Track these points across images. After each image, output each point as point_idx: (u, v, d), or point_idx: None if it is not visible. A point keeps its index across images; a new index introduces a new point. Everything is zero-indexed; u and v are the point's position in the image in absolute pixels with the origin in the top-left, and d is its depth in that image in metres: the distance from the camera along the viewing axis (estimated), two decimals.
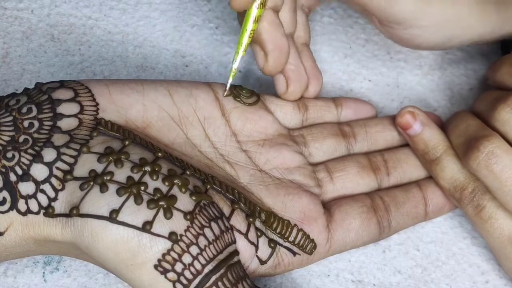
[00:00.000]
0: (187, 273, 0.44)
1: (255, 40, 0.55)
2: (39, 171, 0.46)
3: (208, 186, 0.49)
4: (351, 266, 0.57)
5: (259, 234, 0.50)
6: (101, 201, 0.45)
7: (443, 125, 0.59)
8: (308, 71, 0.59)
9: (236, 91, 0.57)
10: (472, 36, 0.57)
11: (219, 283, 0.45)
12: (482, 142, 0.51)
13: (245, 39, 0.54)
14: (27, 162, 0.46)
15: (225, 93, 0.56)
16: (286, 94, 0.58)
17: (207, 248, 0.45)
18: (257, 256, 0.50)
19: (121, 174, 0.46)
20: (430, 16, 0.55)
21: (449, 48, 0.59)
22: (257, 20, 0.53)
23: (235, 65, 0.55)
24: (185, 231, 0.45)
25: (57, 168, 0.46)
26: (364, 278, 0.56)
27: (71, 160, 0.47)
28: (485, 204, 0.53)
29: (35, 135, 0.48)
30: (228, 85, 0.56)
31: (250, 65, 0.65)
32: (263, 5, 0.53)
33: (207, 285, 0.45)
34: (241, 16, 0.54)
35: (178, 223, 0.45)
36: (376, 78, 0.65)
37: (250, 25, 0.53)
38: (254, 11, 0.53)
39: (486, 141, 0.51)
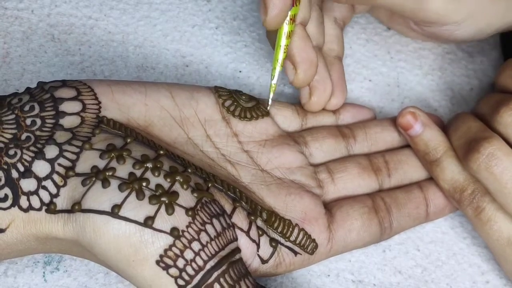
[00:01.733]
0: (189, 269, 0.44)
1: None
2: (41, 167, 0.46)
3: (210, 184, 0.49)
4: (351, 266, 0.57)
5: (260, 233, 0.50)
6: (103, 197, 0.45)
7: (445, 126, 0.59)
8: (334, 83, 0.59)
9: (236, 96, 0.57)
10: (505, 21, 0.58)
11: (221, 280, 0.45)
12: (483, 144, 0.52)
13: (281, 55, 0.55)
14: (29, 159, 0.46)
15: (268, 107, 0.58)
16: (308, 104, 0.58)
17: (209, 244, 0.45)
18: (258, 255, 0.50)
19: (123, 170, 0.46)
20: (461, 11, 0.56)
21: (487, 36, 0.60)
22: (289, 35, 0.54)
23: (274, 81, 0.57)
24: (187, 227, 0.45)
25: (59, 164, 0.46)
26: (364, 278, 0.56)
27: (73, 157, 0.47)
28: (485, 206, 0.53)
29: (38, 133, 0.48)
30: (270, 101, 0.58)
31: (251, 66, 0.65)
32: (292, 20, 0.54)
33: (209, 281, 0.45)
34: (272, 32, 0.56)
35: (180, 218, 0.45)
36: (376, 78, 0.65)
37: (283, 41, 0.55)
38: (285, 28, 0.54)
39: (486, 143, 0.51)
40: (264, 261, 0.50)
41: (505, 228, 0.53)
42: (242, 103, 0.57)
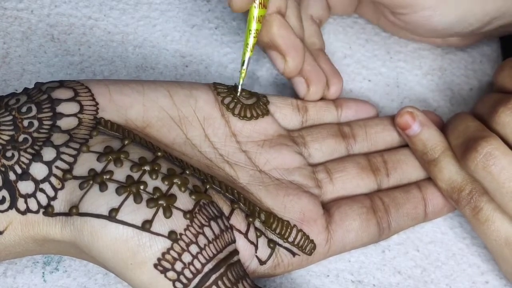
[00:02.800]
0: (187, 272, 0.44)
1: (270, 46, 0.56)
2: (38, 170, 0.46)
3: (208, 186, 0.49)
4: (351, 266, 0.57)
5: (258, 234, 0.50)
6: (100, 200, 0.45)
7: (443, 126, 0.59)
8: (327, 72, 0.59)
9: (235, 92, 0.57)
10: (488, 11, 0.57)
11: (219, 282, 0.45)
12: (480, 143, 0.51)
13: (251, 39, 0.55)
14: (26, 161, 0.46)
15: (238, 94, 0.57)
16: (308, 95, 0.58)
17: (206, 247, 0.46)
18: (256, 256, 0.50)
19: (121, 173, 0.46)
20: None
21: (475, 29, 0.59)
22: (260, 20, 0.54)
23: (244, 66, 0.56)
24: (185, 230, 0.45)
25: (57, 167, 0.46)
26: (364, 279, 0.56)
27: (71, 159, 0.47)
28: (482, 206, 0.53)
29: (35, 134, 0.48)
30: (240, 87, 0.57)
31: (250, 66, 0.64)
32: (263, 5, 0.53)
33: (207, 284, 0.45)
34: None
35: (177, 222, 0.45)
36: (376, 78, 0.65)
37: (254, 26, 0.54)
38: (255, 11, 0.53)
39: (484, 142, 0.51)
40: (262, 262, 0.50)
41: (502, 228, 0.53)
42: (242, 100, 0.57)
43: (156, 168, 0.47)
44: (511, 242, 0.53)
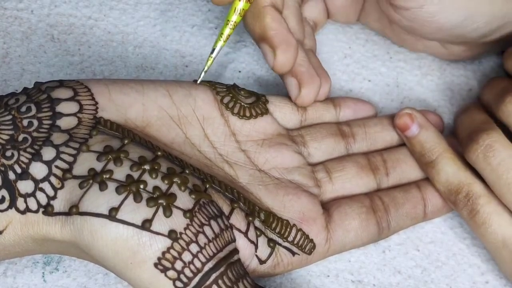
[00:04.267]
0: (187, 271, 0.44)
1: (262, 39, 0.55)
2: (38, 169, 0.46)
3: (207, 185, 0.49)
4: (351, 266, 0.57)
5: (258, 233, 0.50)
6: (100, 199, 0.45)
7: (454, 120, 0.60)
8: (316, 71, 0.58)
9: (234, 92, 0.57)
10: (496, 13, 0.56)
11: (219, 281, 0.45)
12: (482, 135, 0.52)
13: (227, 30, 0.55)
14: (26, 160, 0.46)
15: (199, 80, 0.57)
16: (299, 98, 0.57)
17: (207, 246, 0.46)
18: (256, 255, 0.50)
19: (120, 172, 0.46)
20: None
21: (477, 38, 0.58)
22: (242, 13, 0.54)
23: (213, 54, 0.56)
24: (185, 229, 0.45)
25: (56, 166, 0.46)
26: (364, 278, 0.56)
27: (70, 159, 0.47)
28: (479, 209, 0.53)
29: (34, 134, 0.48)
30: (203, 73, 0.56)
31: (250, 66, 0.65)
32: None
33: (207, 283, 0.45)
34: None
35: (177, 221, 0.45)
36: (376, 78, 0.65)
37: (234, 17, 0.54)
38: (240, 4, 0.53)
39: (485, 135, 0.52)
40: (262, 262, 0.51)
41: (499, 230, 0.53)
42: (241, 99, 0.57)
43: (156, 167, 0.47)
44: (508, 244, 0.53)
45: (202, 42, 0.65)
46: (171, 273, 0.44)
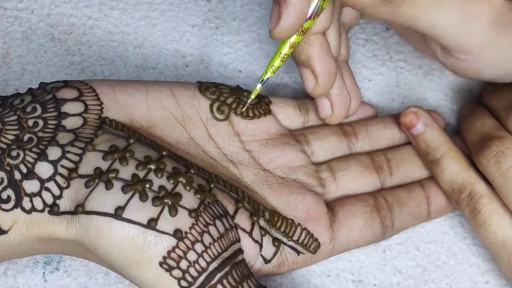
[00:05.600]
0: (192, 271, 0.45)
1: (304, 64, 0.54)
2: (43, 169, 0.46)
3: (212, 185, 0.49)
4: (351, 266, 0.57)
5: (263, 233, 0.50)
6: (106, 198, 0.45)
7: (459, 119, 0.61)
8: (348, 89, 0.58)
9: (238, 93, 0.57)
10: None
11: (224, 281, 0.45)
12: (495, 142, 0.53)
13: (277, 62, 0.54)
14: (31, 160, 0.46)
15: (244, 109, 0.56)
16: (331, 119, 0.57)
17: (211, 246, 0.46)
18: (261, 255, 0.50)
19: (126, 171, 0.46)
20: (500, 48, 0.52)
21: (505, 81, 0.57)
22: (294, 45, 0.53)
23: (259, 86, 0.55)
24: (190, 228, 0.45)
25: (62, 166, 0.46)
26: (364, 278, 0.56)
27: (76, 158, 0.47)
28: (481, 209, 0.54)
29: (40, 134, 0.48)
30: (249, 101, 0.56)
31: (251, 66, 0.65)
32: (303, 32, 0.52)
33: (212, 283, 0.45)
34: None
35: (183, 220, 0.45)
36: (376, 78, 0.65)
37: (285, 50, 0.53)
38: (292, 38, 0.52)
39: (498, 142, 0.53)
40: (267, 261, 0.51)
41: (500, 231, 0.54)
42: (244, 100, 0.57)
43: (161, 166, 0.47)
44: (508, 245, 0.53)
45: (202, 42, 0.65)
46: (176, 272, 0.44)
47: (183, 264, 0.44)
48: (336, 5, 0.54)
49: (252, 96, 0.56)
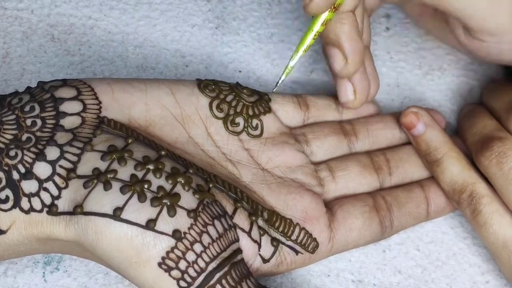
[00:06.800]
0: (191, 271, 0.45)
1: (334, 44, 0.54)
2: (42, 169, 0.46)
3: (211, 185, 0.49)
4: (351, 266, 0.57)
5: (261, 232, 0.50)
6: (104, 199, 0.45)
7: (459, 120, 0.61)
8: (368, 74, 0.58)
9: (237, 90, 0.57)
10: None
11: (223, 281, 0.45)
12: (497, 143, 0.53)
13: (309, 39, 0.53)
14: (30, 160, 0.46)
15: (274, 89, 0.56)
16: (353, 103, 0.57)
17: (210, 246, 0.46)
18: (260, 254, 0.50)
19: (125, 172, 0.46)
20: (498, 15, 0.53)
21: None
22: (325, 22, 0.52)
23: (292, 63, 0.54)
24: (189, 228, 0.45)
25: (60, 166, 0.46)
26: (364, 278, 0.56)
27: (74, 158, 0.47)
28: (481, 209, 0.54)
29: (38, 134, 0.48)
30: (280, 81, 0.55)
31: (251, 66, 0.65)
32: (335, 8, 0.51)
33: (211, 283, 0.45)
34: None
35: (181, 220, 0.45)
36: None
37: (317, 27, 0.52)
38: (324, 14, 0.51)
39: (500, 142, 0.53)
40: (265, 261, 0.51)
41: (500, 231, 0.54)
42: (244, 97, 0.57)
43: (160, 167, 0.47)
44: (508, 245, 0.53)
45: (202, 42, 0.65)
46: (175, 273, 0.44)
47: (182, 264, 0.44)
48: None
49: (284, 75, 0.55)
